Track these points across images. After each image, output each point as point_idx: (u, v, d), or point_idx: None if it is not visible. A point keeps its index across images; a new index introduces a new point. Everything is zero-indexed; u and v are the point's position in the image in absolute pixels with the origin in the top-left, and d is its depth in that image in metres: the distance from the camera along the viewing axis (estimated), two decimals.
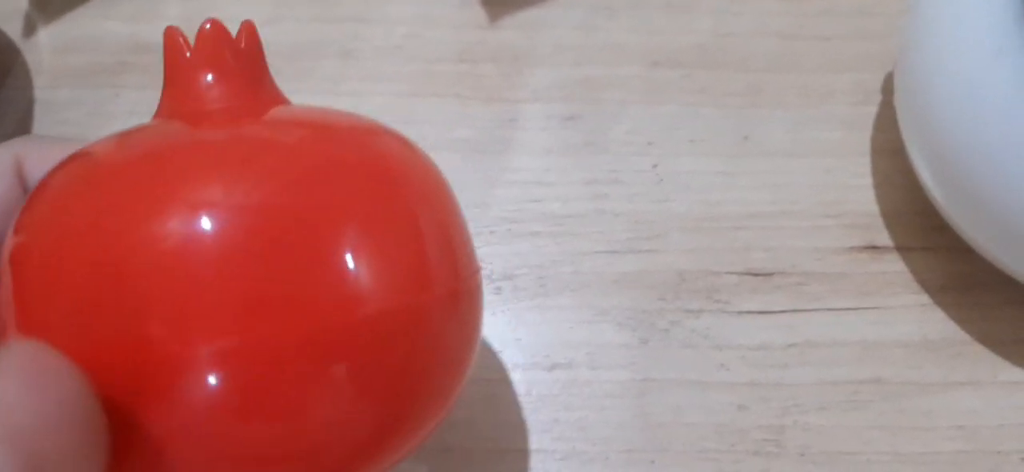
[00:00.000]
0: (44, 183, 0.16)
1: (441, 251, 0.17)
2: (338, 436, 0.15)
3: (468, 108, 0.29)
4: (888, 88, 0.29)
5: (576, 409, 0.25)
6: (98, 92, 0.30)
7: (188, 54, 0.17)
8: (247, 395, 0.14)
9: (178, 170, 0.15)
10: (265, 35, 0.18)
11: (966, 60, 0.22)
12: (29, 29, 0.32)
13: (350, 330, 0.15)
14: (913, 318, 0.26)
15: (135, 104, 0.30)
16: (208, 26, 0.17)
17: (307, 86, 0.29)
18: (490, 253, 0.27)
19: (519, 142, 0.29)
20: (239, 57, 0.17)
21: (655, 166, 0.28)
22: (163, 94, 0.18)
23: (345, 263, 0.15)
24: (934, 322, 0.26)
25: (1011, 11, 0.21)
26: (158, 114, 0.17)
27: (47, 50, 0.31)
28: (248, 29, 0.18)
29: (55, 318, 0.14)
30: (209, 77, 0.17)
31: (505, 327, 0.26)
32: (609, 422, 0.25)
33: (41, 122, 0.30)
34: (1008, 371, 0.25)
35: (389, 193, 0.16)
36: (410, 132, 0.19)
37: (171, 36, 0.17)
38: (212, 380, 0.14)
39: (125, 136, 0.16)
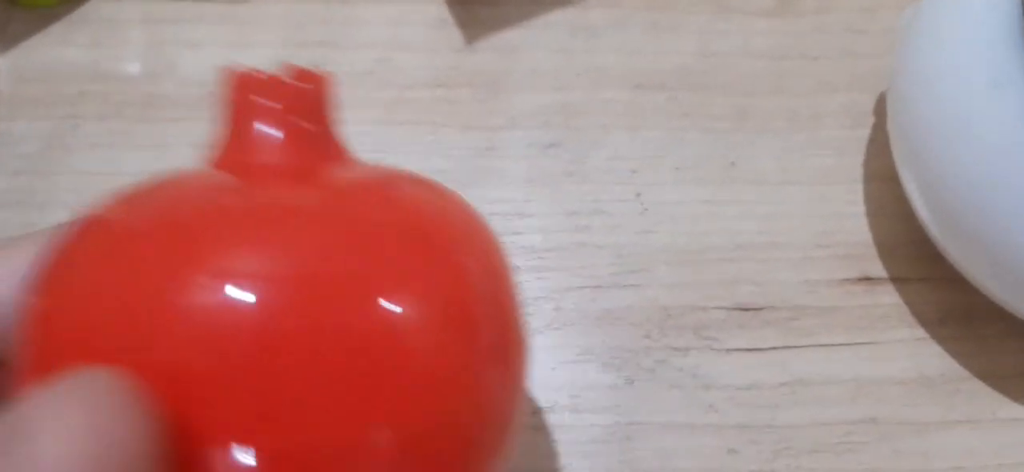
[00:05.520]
0: (71, 248, 0.15)
1: (487, 304, 0.16)
2: None
3: (443, 136, 0.28)
4: (881, 109, 0.28)
5: (558, 456, 0.24)
6: (57, 124, 0.29)
7: (260, 100, 0.16)
8: None
9: (211, 239, 0.14)
10: (228, 61, 0.17)
11: (961, 91, 0.21)
12: None
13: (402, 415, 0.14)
14: (909, 353, 0.25)
15: (95, 136, 0.28)
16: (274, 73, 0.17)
17: None
18: None
19: (497, 172, 0.27)
20: (303, 109, 0.17)
21: (639, 195, 0.27)
22: (223, 138, 0.17)
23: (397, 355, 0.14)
24: (931, 357, 0.25)
25: (1010, 39, 0.20)
26: (219, 163, 0.16)
27: (4, 79, 0.30)
28: (318, 80, 0.17)
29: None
30: (269, 129, 0.16)
31: None
32: (594, 469, 0.23)
33: None
34: (1008, 407, 0.24)
35: (432, 255, 0.15)
36: (382, 162, 0.18)
37: (241, 80, 0.16)
38: None
39: (162, 190, 0.15)
